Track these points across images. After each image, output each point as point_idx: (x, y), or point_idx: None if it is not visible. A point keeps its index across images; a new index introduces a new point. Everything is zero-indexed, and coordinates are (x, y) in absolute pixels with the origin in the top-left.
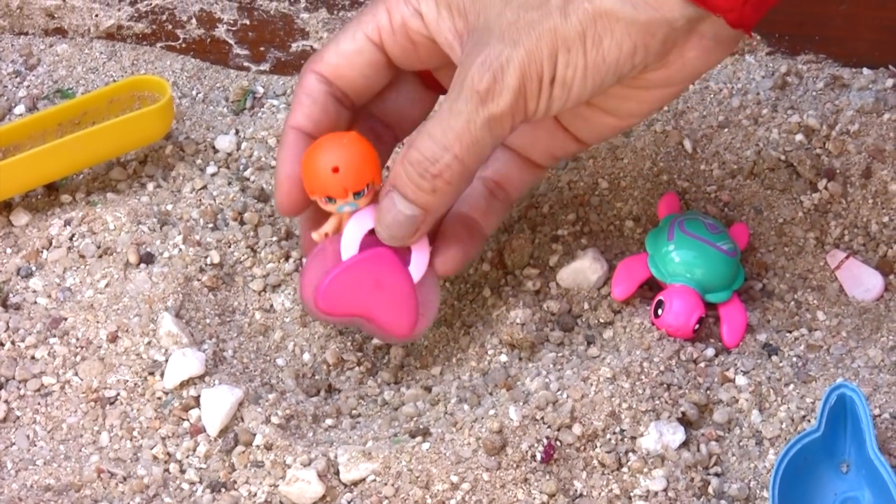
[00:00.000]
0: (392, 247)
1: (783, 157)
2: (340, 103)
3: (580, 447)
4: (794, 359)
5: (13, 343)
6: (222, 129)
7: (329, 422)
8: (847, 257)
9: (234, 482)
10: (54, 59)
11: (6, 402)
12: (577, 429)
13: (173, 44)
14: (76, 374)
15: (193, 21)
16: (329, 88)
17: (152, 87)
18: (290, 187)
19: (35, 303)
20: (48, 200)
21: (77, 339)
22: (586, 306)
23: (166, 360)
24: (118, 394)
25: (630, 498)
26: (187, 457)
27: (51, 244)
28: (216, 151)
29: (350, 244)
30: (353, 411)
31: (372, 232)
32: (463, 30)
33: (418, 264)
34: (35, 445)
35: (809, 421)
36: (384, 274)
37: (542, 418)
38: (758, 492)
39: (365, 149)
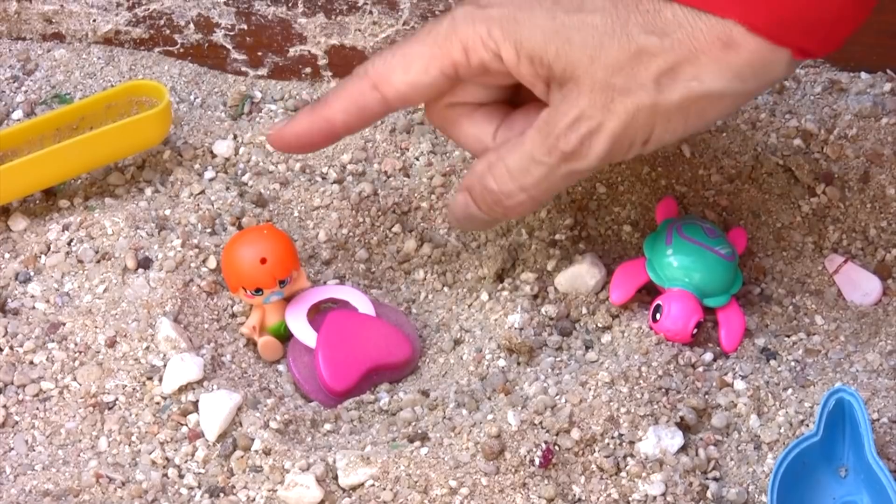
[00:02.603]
0: (335, 306)
1: (781, 162)
2: (385, 112)
3: (579, 452)
4: (793, 363)
5: (11, 348)
6: (220, 133)
7: (328, 427)
8: (845, 262)
9: (233, 487)
10: (52, 63)
11: (5, 407)
12: (575, 433)
13: (171, 49)
14: (75, 379)
15: (191, 26)
16: (385, 109)
17: (150, 91)
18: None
19: (33, 308)
20: (46, 205)
21: (75, 345)
22: (584, 311)
23: (165, 365)
24: (117, 399)
25: (629, 502)
26: (186, 462)
27: (49, 249)
28: (214, 156)
29: (305, 332)
30: (352, 416)
31: (310, 311)
32: (546, 76)
33: (361, 304)
34: (34, 450)
35: (808, 425)
36: (351, 327)
37: (541, 423)
38: (756, 496)
39: (285, 239)
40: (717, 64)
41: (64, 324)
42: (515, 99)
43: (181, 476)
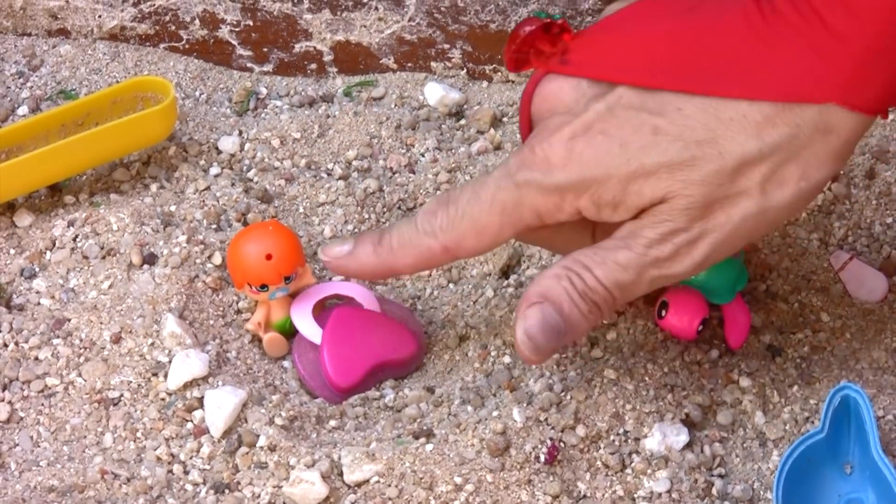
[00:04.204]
0: (340, 302)
1: None
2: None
3: (584, 448)
4: (798, 360)
5: (17, 344)
6: (225, 130)
7: (333, 423)
8: (851, 258)
9: (238, 483)
10: (57, 59)
11: (10, 402)
12: (580, 430)
13: (176, 45)
14: (80, 375)
15: (196, 22)
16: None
17: (155, 87)
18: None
19: (38, 304)
20: (51, 201)
21: (80, 341)
22: None
23: (170, 362)
24: (122, 395)
25: (634, 499)
26: (191, 458)
27: (54, 245)
28: (219, 152)
29: (310, 328)
30: (357, 413)
31: (315, 307)
32: (636, 211)
33: (366, 300)
34: (39, 446)
35: (813, 422)
36: (357, 323)
37: (546, 420)
38: (762, 493)
39: (291, 235)
40: (821, 155)
41: (69, 320)
42: None
43: (186, 472)
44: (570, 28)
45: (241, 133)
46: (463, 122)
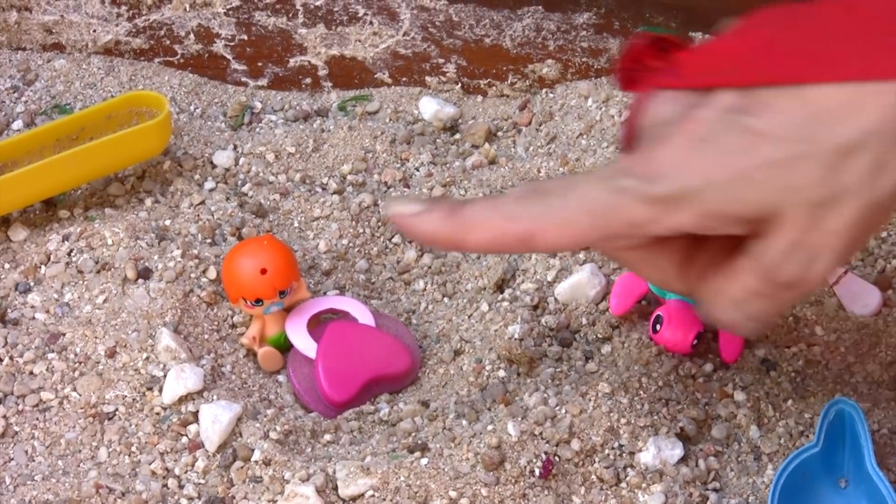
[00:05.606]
0: (335, 317)
1: None
2: None
3: (579, 462)
4: (793, 374)
5: (11, 358)
6: (220, 144)
7: (327, 437)
8: (845, 272)
9: (233, 498)
10: (52, 74)
11: (4, 417)
12: (575, 444)
13: (171, 59)
14: (74, 389)
15: (191, 36)
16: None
17: (150, 102)
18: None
19: (33, 318)
20: (46, 216)
21: (75, 355)
22: (584, 321)
23: (164, 376)
24: (117, 409)
25: None
26: (186, 472)
27: (49, 259)
28: (214, 167)
29: (305, 343)
30: (352, 427)
31: (310, 322)
32: (741, 223)
33: (361, 314)
34: (34, 461)
35: (808, 436)
36: (351, 338)
37: (541, 434)
38: None
39: (285, 249)
40: None
41: (64, 334)
42: None
43: (181, 486)
44: (684, 42)
45: (235, 147)
46: (457, 136)
